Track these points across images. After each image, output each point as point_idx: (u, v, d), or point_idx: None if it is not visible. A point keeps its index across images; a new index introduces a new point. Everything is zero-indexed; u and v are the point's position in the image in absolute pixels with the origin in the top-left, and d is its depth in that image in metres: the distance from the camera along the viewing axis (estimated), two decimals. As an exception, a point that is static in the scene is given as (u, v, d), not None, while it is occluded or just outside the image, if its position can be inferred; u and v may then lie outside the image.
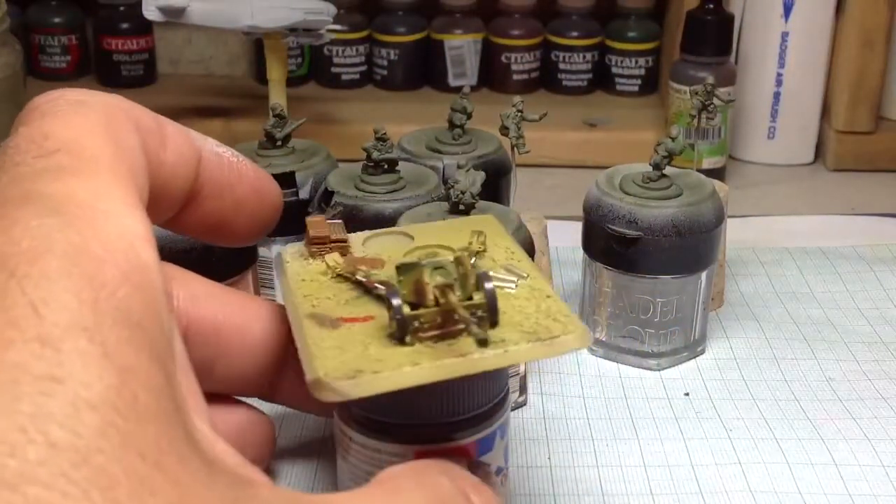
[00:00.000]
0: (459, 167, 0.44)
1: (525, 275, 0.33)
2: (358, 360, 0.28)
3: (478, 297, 0.30)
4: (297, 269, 0.34)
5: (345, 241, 0.35)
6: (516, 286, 0.32)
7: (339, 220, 0.37)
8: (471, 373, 0.28)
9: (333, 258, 0.34)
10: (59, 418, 0.18)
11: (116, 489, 0.18)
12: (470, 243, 0.35)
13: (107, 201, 0.22)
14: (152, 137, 0.26)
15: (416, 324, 0.29)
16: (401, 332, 0.29)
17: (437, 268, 0.32)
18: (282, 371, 0.35)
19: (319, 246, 0.35)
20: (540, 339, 0.29)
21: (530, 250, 0.44)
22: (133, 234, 0.22)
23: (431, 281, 0.30)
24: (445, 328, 0.29)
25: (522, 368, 0.47)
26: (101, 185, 0.23)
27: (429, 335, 0.29)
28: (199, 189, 0.29)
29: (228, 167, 0.30)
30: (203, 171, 0.29)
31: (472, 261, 0.33)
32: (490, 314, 0.29)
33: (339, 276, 0.33)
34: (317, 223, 0.35)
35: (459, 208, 0.44)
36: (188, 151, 0.28)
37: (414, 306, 0.29)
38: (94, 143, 0.23)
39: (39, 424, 0.18)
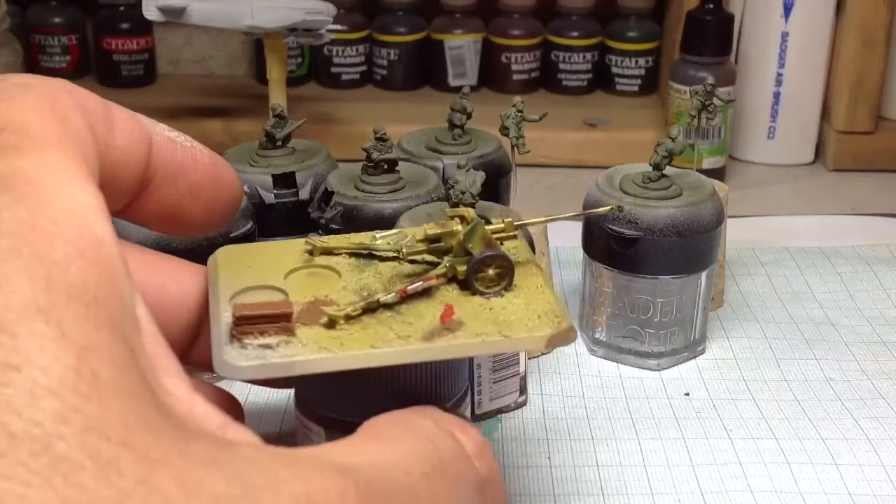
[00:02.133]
0: (459, 167, 0.45)
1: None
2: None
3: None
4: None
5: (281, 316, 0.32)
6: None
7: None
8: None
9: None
10: (16, 407, 0.18)
11: (80, 474, 0.18)
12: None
13: (56, 176, 0.22)
14: (99, 120, 0.25)
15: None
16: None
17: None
18: (200, 336, 0.34)
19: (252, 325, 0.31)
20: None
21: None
22: (85, 208, 0.21)
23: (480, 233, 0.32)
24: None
25: (522, 368, 0.47)
26: (49, 161, 0.22)
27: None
28: (151, 175, 0.28)
29: (182, 152, 0.30)
30: (155, 156, 0.28)
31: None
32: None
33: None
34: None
35: (459, 208, 0.44)
36: (138, 136, 0.27)
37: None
38: (40, 121, 0.23)
39: None
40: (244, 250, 0.35)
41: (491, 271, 0.32)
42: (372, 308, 0.31)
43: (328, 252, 0.34)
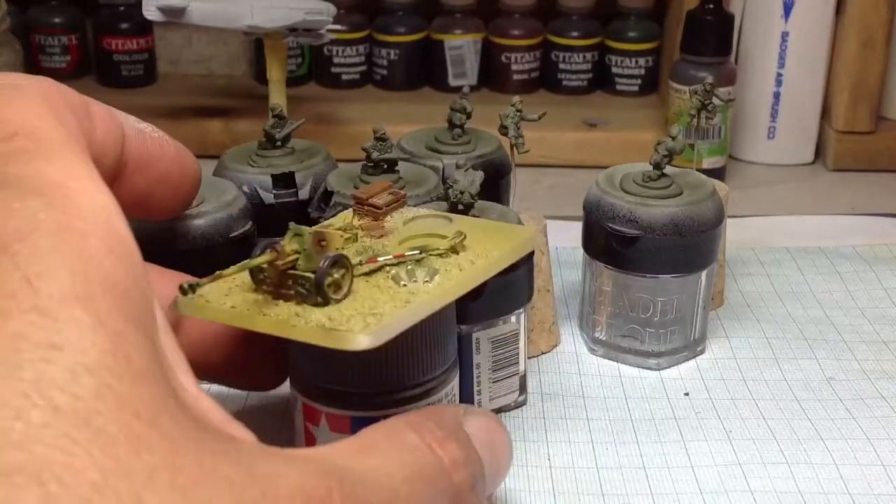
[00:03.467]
0: (458, 167, 0.44)
1: (432, 281, 0.34)
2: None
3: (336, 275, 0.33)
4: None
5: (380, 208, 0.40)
6: (405, 284, 0.34)
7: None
8: (251, 328, 0.32)
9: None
10: (59, 383, 0.19)
11: (116, 447, 0.19)
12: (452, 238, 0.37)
13: (76, 180, 0.23)
14: (84, 116, 0.27)
15: (262, 276, 0.33)
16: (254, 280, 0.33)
17: (297, 234, 0.34)
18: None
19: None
20: (326, 326, 0.31)
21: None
22: (106, 209, 0.23)
23: (288, 246, 0.33)
24: (280, 289, 0.33)
25: (522, 367, 0.47)
26: (66, 165, 0.24)
27: (269, 289, 0.33)
28: (124, 165, 0.30)
29: (151, 143, 0.32)
30: (127, 147, 0.30)
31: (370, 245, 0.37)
32: (315, 290, 0.32)
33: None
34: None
35: (458, 208, 0.44)
36: (114, 129, 0.29)
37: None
38: (46, 125, 0.25)
39: (42, 390, 0.19)
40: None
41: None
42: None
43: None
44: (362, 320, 0.31)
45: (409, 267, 0.35)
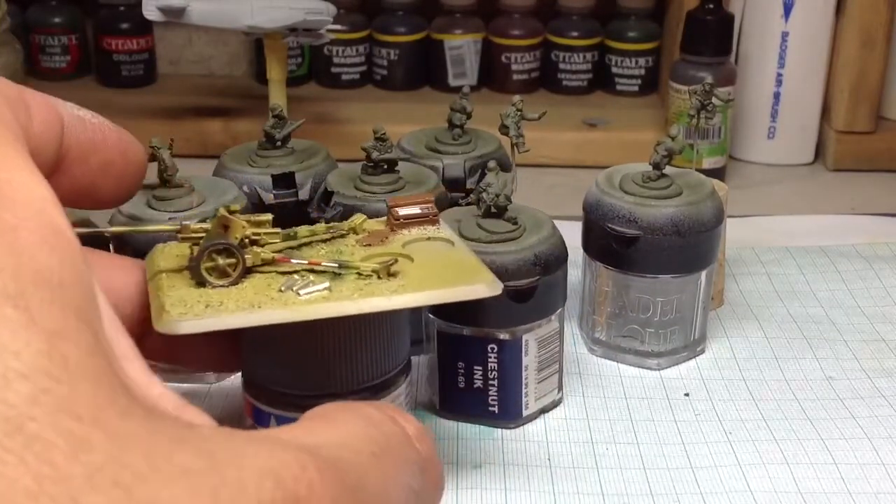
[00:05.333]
0: (489, 170, 0.44)
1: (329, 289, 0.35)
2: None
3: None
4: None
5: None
6: (283, 290, 0.35)
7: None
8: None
9: None
10: None
11: (52, 452, 0.18)
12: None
13: (8, 171, 0.22)
14: (20, 107, 0.26)
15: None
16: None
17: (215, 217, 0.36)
18: (147, 329, 0.36)
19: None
20: (164, 306, 0.33)
21: (562, 254, 0.45)
22: (41, 199, 0.22)
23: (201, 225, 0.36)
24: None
25: (559, 365, 0.47)
26: None
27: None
28: (64, 154, 0.29)
29: (92, 130, 0.31)
30: (67, 135, 0.29)
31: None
32: (190, 270, 0.35)
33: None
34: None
35: (492, 211, 0.44)
36: (52, 118, 0.28)
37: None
38: None
39: None
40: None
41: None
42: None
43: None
44: (192, 309, 0.33)
45: (307, 276, 0.35)
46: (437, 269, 0.37)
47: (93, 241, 0.50)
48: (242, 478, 0.20)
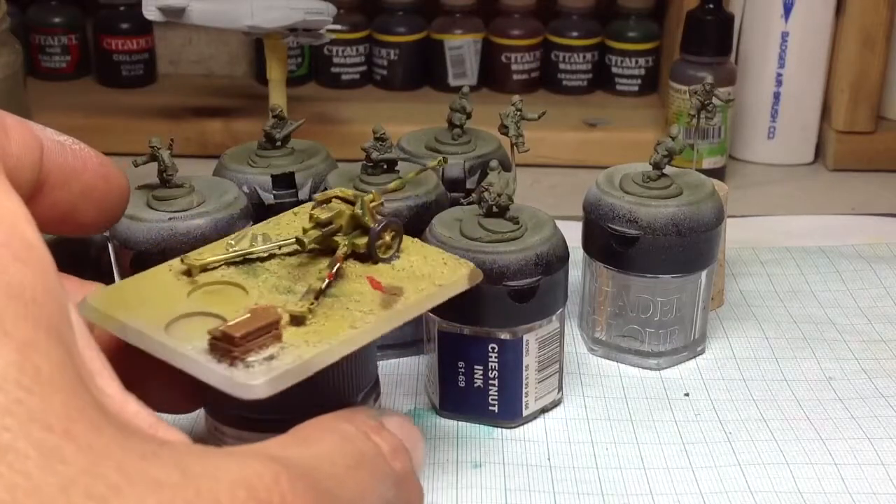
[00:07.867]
0: (491, 169, 0.44)
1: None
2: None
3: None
4: None
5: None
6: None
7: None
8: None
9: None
10: None
11: (25, 462, 0.18)
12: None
13: None
14: None
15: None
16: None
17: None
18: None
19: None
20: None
21: (563, 254, 0.45)
22: (13, 215, 0.22)
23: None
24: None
25: (559, 365, 0.47)
26: None
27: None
28: (44, 179, 0.29)
29: (72, 155, 0.30)
30: (46, 160, 0.29)
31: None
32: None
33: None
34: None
35: (494, 211, 0.44)
36: (31, 141, 0.28)
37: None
38: None
39: None
40: (118, 290, 0.34)
41: (387, 237, 0.36)
42: (317, 297, 0.33)
43: (204, 269, 0.35)
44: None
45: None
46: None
47: (81, 250, 0.50)
48: (215, 489, 0.20)
